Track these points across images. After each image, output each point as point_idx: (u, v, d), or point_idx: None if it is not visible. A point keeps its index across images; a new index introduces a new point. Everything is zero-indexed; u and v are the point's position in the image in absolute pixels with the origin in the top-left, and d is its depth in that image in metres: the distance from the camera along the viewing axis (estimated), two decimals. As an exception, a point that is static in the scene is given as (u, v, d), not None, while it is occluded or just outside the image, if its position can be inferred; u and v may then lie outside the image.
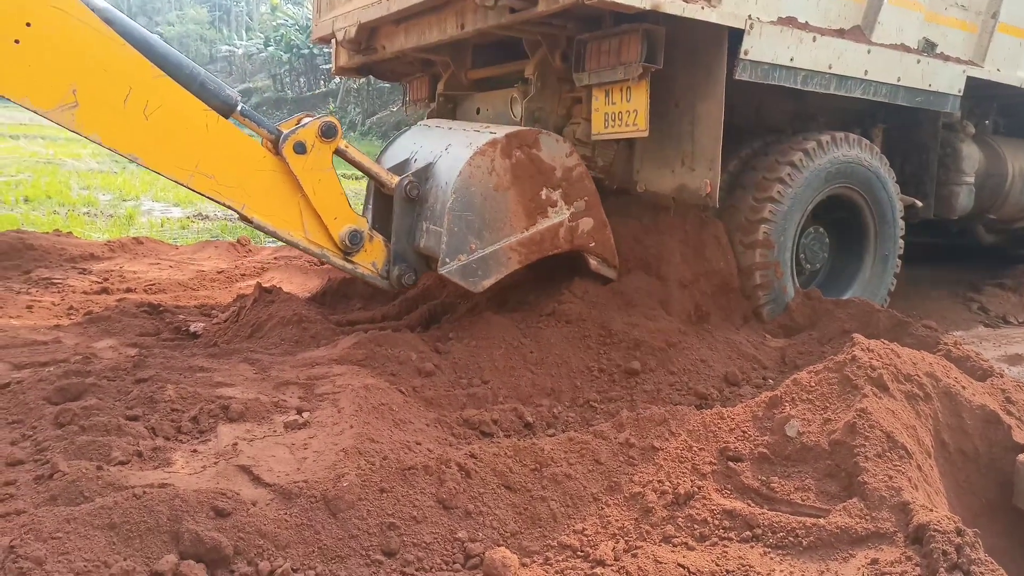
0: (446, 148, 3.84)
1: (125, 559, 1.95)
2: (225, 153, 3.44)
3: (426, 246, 3.73)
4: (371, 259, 3.81)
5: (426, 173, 3.83)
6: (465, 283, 3.57)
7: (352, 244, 3.71)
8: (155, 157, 3.32)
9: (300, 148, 3.56)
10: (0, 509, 2.17)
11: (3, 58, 3.01)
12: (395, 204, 3.83)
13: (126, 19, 3.36)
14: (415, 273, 3.85)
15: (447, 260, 3.53)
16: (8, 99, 3.09)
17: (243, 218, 3.57)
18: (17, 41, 3.02)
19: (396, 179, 3.83)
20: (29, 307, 4.75)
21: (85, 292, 5.28)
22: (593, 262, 4.02)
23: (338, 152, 3.70)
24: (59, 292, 5.23)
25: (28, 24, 3.02)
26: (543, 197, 3.77)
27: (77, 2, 3.14)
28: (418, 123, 4.68)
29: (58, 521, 2.00)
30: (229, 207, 3.50)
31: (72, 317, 4.61)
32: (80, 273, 5.81)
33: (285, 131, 3.59)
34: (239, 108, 3.57)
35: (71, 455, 2.46)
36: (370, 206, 4.22)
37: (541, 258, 3.84)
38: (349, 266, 3.79)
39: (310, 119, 3.67)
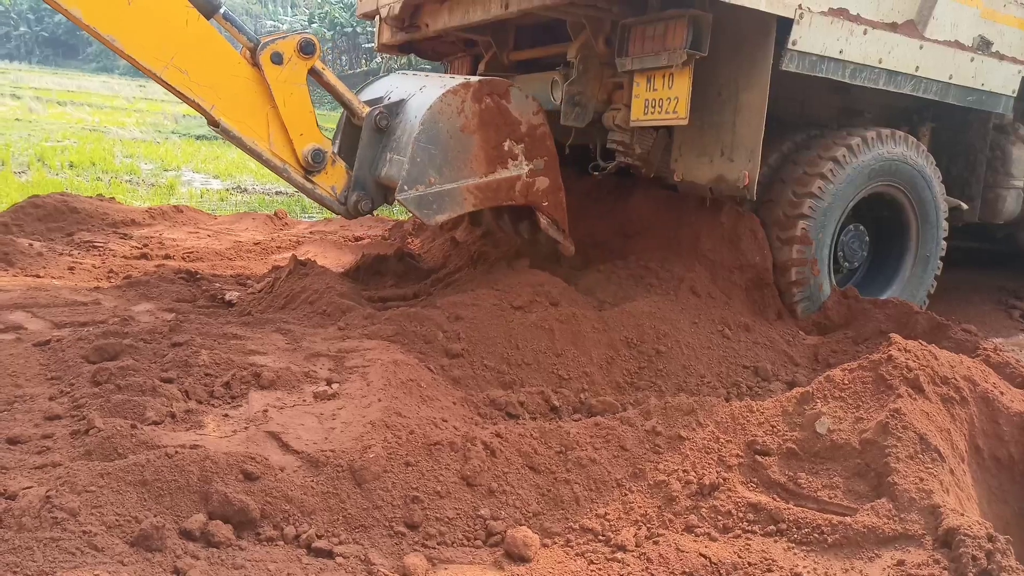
0: (420, 88, 3.97)
1: (155, 515, 1.99)
2: (201, 52, 3.50)
3: (387, 175, 3.82)
4: (331, 182, 3.87)
5: (397, 108, 3.93)
6: (420, 213, 3.70)
7: (315, 162, 3.75)
8: (133, 42, 3.38)
9: (277, 58, 3.62)
10: (38, 461, 2.23)
11: None
12: (363, 133, 3.91)
13: None
14: (372, 202, 3.95)
15: (405, 187, 3.64)
16: None
17: (211, 121, 3.62)
18: None
19: (367, 109, 3.92)
20: (71, 268, 4.86)
21: (125, 257, 5.39)
22: (543, 221, 4.15)
23: (313, 72, 3.76)
24: (100, 255, 5.35)
25: None
26: (505, 148, 3.90)
27: None
28: (397, 71, 4.80)
29: (92, 475, 2.05)
30: (198, 107, 3.54)
31: (112, 280, 4.71)
32: (121, 238, 5.92)
33: (264, 40, 3.65)
34: (221, 11, 3.63)
35: (107, 412, 2.51)
36: (338, 140, 4.28)
37: (494, 206, 4.02)
38: (309, 185, 3.83)
39: (290, 33, 3.77)
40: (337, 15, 38.74)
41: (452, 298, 3.81)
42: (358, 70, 40.25)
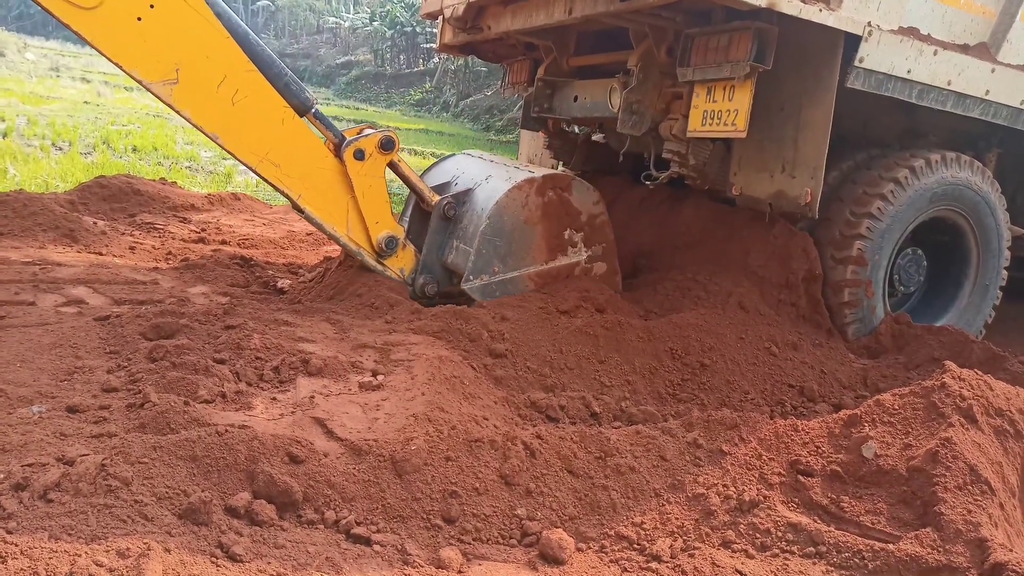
0: (486, 178, 4.17)
1: (203, 491, 2.05)
2: (293, 147, 3.76)
3: (453, 262, 4.05)
4: (400, 265, 4.09)
5: (464, 197, 4.16)
6: (482, 300, 3.84)
7: (387, 248, 3.99)
8: (233, 140, 3.64)
9: (359, 155, 3.87)
10: (95, 430, 2.32)
11: (125, 32, 3.35)
12: (432, 220, 4.14)
13: (232, 14, 3.66)
14: (437, 285, 4.13)
15: (471, 277, 3.87)
16: (120, 68, 3.40)
17: (295, 207, 3.86)
18: (140, 19, 3.35)
19: (437, 198, 4.14)
20: (132, 248, 5.02)
21: (183, 240, 5.54)
22: None
23: (391, 165, 4.01)
24: (160, 237, 5.50)
25: (152, 6, 3.37)
26: (566, 237, 4.11)
27: None
28: (463, 152, 4.98)
29: (145, 448, 2.12)
30: (286, 195, 3.80)
31: (170, 262, 4.84)
32: (180, 221, 6.08)
33: (349, 137, 3.91)
34: (313, 111, 3.87)
35: (161, 388, 2.60)
36: (407, 217, 4.50)
37: None
38: (379, 268, 4.05)
39: (372, 131, 3.98)
40: (398, 14, 39.16)
41: (499, 299, 3.84)
42: (415, 69, 40.63)
